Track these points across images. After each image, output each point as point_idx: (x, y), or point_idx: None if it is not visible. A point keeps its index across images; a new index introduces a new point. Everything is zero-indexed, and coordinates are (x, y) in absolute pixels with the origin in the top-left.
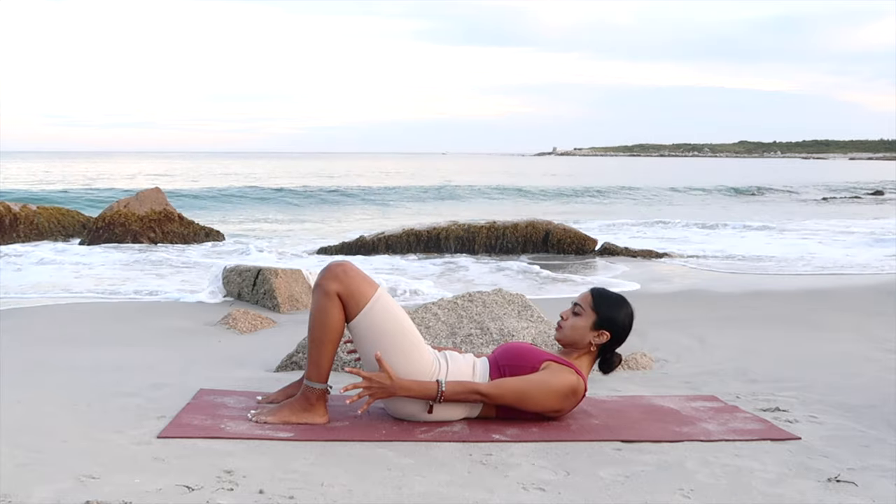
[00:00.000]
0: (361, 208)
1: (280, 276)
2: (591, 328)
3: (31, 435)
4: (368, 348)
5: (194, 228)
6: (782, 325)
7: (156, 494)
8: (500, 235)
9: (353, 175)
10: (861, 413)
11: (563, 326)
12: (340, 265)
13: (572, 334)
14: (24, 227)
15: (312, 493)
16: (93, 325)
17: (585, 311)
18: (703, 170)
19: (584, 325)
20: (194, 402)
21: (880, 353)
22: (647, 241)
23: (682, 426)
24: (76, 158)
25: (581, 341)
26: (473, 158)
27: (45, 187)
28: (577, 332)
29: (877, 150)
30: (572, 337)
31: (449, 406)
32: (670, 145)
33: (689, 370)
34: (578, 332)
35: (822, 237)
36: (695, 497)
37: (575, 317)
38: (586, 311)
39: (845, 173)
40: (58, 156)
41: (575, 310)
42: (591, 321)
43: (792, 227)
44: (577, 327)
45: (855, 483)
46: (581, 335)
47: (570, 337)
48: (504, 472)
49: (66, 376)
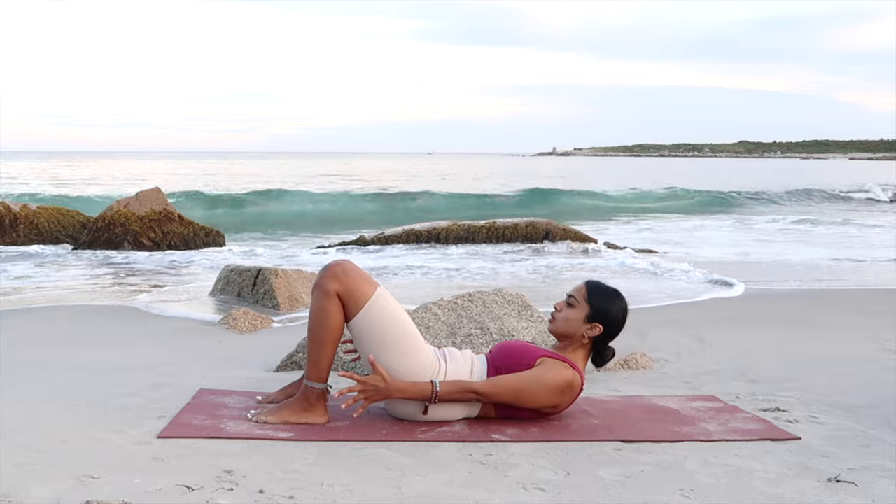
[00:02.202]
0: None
1: (280, 275)
2: (585, 320)
3: (31, 435)
4: (368, 348)
5: (194, 228)
6: (782, 325)
7: (156, 494)
8: (501, 235)
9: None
10: (861, 413)
11: (556, 318)
12: (340, 265)
13: (565, 326)
14: (24, 227)
15: (312, 493)
16: (93, 325)
17: (580, 302)
18: (752, 169)
19: (578, 317)
20: (194, 402)
21: (880, 353)
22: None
23: (682, 426)
24: (76, 158)
25: (574, 334)
26: (460, 158)
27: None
28: (570, 325)
29: (877, 150)
30: (565, 329)
31: (447, 406)
32: (670, 145)
33: (689, 370)
34: (572, 325)
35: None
36: (695, 497)
37: (569, 308)
38: (580, 304)
39: (857, 173)
40: (58, 156)
41: (569, 301)
42: (584, 313)
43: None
44: (570, 319)
45: (855, 483)
46: (574, 327)
47: (563, 329)
48: (504, 472)
49: (66, 376)
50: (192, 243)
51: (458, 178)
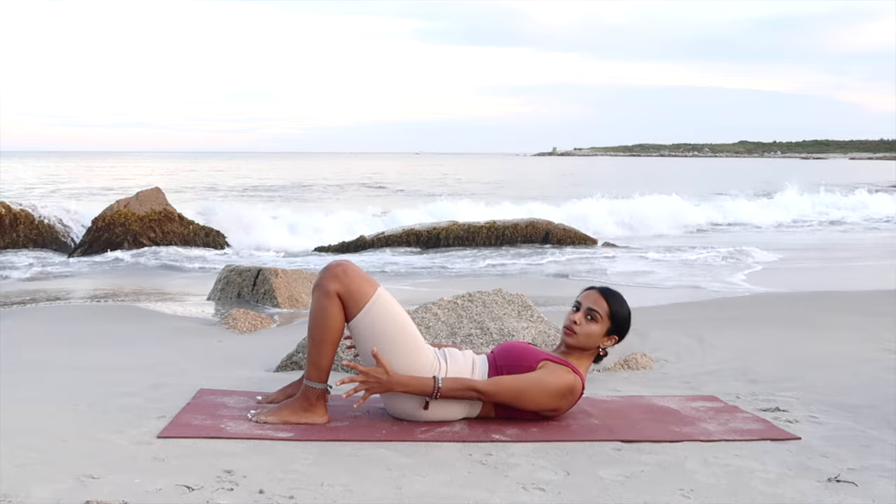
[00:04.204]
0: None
1: (280, 275)
2: (605, 335)
3: (31, 435)
4: (368, 347)
5: (194, 228)
6: (782, 325)
7: (156, 494)
8: (501, 235)
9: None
10: (861, 413)
11: (577, 332)
12: (340, 265)
13: (587, 341)
14: (24, 227)
15: (312, 493)
16: (93, 325)
17: (602, 318)
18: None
19: (599, 333)
20: (194, 402)
21: (880, 353)
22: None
23: (682, 426)
24: (77, 158)
25: (592, 347)
26: (458, 159)
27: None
28: (591, 340)
29: (877, 150)
30: (586, 343)
31: (448, 405)
32: (670, 145)
33: (689, 370)
34: (593, 340)
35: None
36: (695, 497)
37: (591, 322)
38: (603, 319)
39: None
40: (57, 156)
41: (592, 315)
42: (605, 328)
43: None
44: (592, 335)
45: (855, 483)
46: (595, 342)
47: (584, 343)
48: (504, 472)
49: (66, 376)
50: (192, 243)
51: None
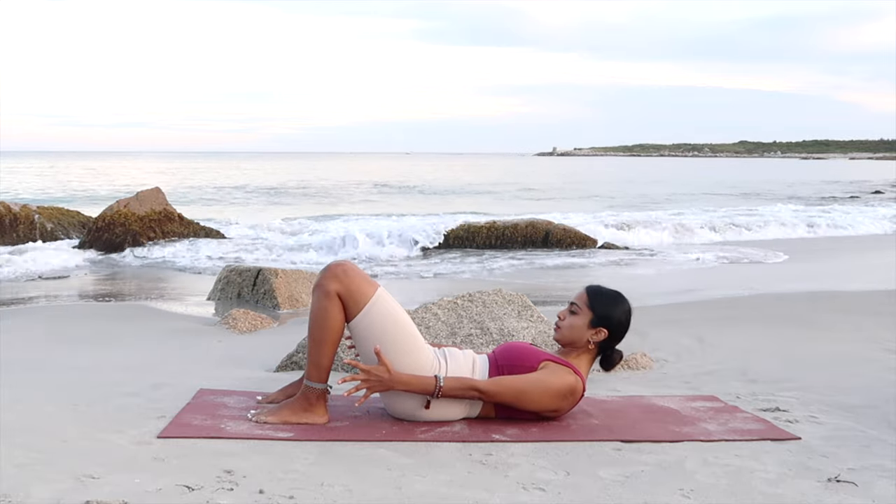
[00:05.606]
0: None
1: (280, 276)
2: (589, 326)
3: (31, 435)
4: (368, 348)
5: (194, 228)
6: (782, 325)
7: (156, 494)
8: (500, 235)
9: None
10: (861, 413)
11: (560, 326)
12: (340, 265)
13: (570, 334)
14: (24, 227)
15: (312, 493)
16: (93, 325)
17: (582, 309)
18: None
19: (582, 324)
20: (194, 402)
21: (880, 353)
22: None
23: (682, 426)
24: (76, 158)
25: (579, 340)
26: (439, 158)
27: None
28: (574, 332)
29: (877, 150)
30: (570, 336)
31: (448, 404)
32: (670, 145)
33: (689, 370)
34: (576, 332)
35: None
36: (695, 497)
37: (572, 315)
38: (583, 310)
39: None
40: (57, 155)
41: (572, 308)
42: (587, 319)
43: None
44: (574, 326)
45: (855, 483)
46: (579, 334)
47: (569, 336)
48: (504, 472)
49: (66, 376)
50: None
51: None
